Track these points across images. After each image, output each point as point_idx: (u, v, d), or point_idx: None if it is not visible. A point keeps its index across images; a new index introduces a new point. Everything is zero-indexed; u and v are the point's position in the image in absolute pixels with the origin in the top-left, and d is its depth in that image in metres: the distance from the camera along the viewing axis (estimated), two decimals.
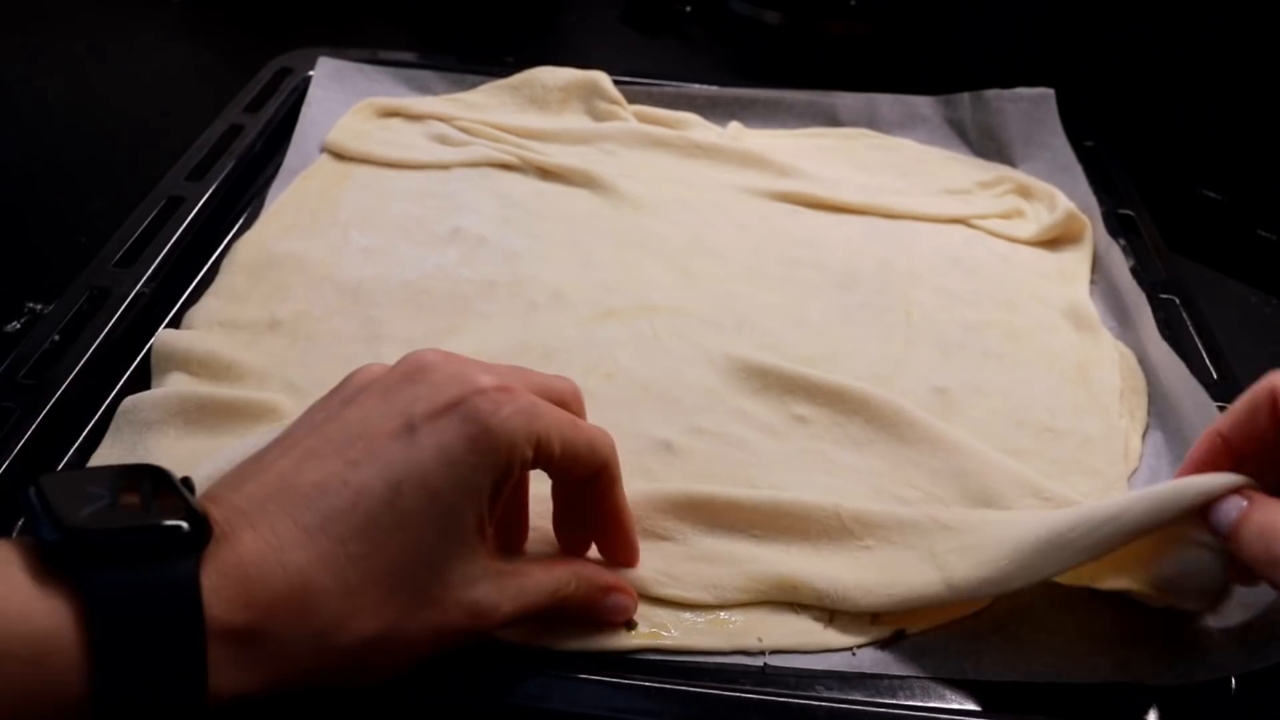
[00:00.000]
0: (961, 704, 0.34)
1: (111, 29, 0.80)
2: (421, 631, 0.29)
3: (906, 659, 0.35)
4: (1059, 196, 0.59)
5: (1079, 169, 0.61)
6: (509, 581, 0.31)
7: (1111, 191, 0.60)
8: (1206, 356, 0.48)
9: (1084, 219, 0.57)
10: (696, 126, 0.65)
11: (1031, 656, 0.35)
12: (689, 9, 0.84)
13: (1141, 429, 0.46)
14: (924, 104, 0.68)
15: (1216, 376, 0.47)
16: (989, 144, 0.66)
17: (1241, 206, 0.66)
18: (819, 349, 0.48)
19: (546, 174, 0.60)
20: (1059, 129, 0.64)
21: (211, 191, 0.54)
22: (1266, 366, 0.33)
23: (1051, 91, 0.65)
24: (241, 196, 0.57)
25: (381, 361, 0.45)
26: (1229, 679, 0.34)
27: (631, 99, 0.66)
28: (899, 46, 0.79)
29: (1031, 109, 0.65)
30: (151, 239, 0.50)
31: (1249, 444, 0.34)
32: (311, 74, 0.65)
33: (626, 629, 0.35)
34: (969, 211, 0.59)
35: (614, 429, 0.43)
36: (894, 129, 0.67)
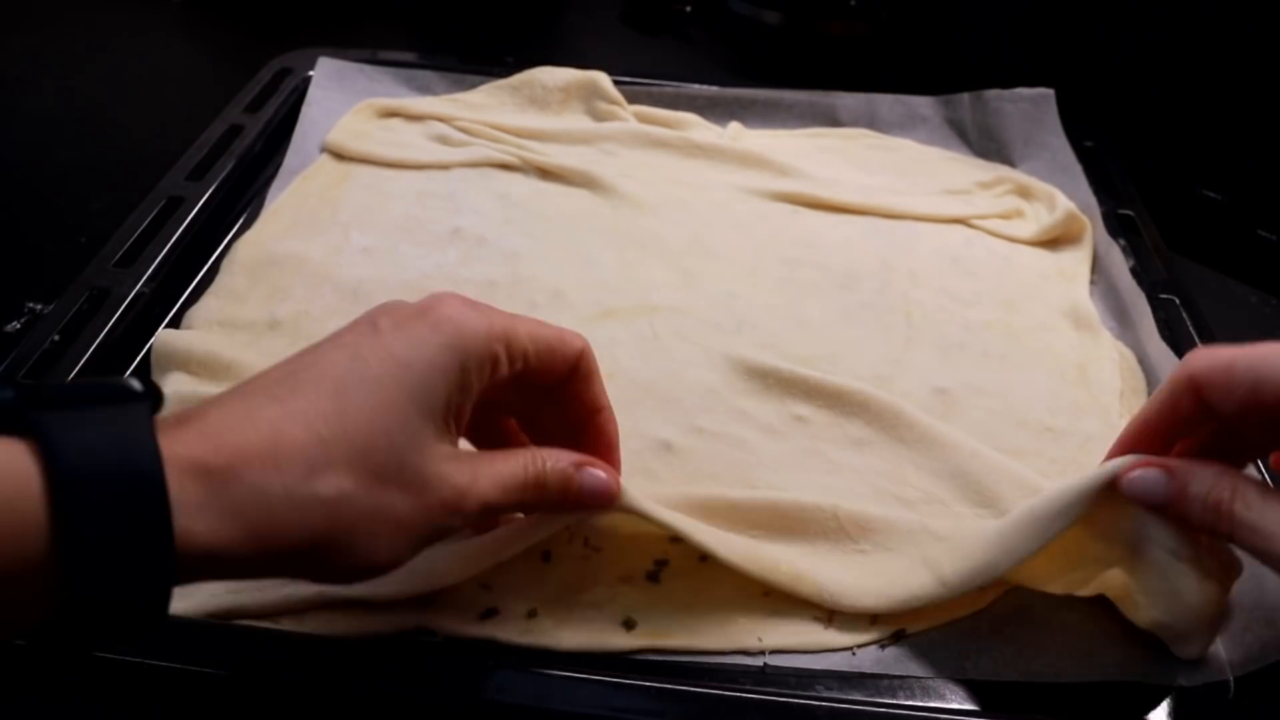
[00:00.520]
0: (961, 704, 0.34)
1: (111, 29, 0.80)
2: (403, 503, 0.29)
3: (906, 659, 0.35)
4: (1059, 197, 0.59)
5: (1079, 169, 0.61)
6: (480, 462, 0.31)
7: (1111, 191, 0.60)
8: None
9: (1084, 219, 0.57)
10: (696, 126, 0.65)
11: (1031, 656, 0.35)
12: (689, 9, 0.84)
13: None
14: (924, 104, 0.68)
15: None
16: (989, 144, 0.66)
17: (1241, 206, 0.66)
18: (819, 349, 0.48)
19: (546, 174, 0.60)
20: (1059, 129, 0.64)
21: (211, 191, 0.54)
22: None
23: (1051, 91, 0.65)
24: (241, 196, 0.57)
25: None
26: (1229, 679, 0.35)
27: (631, 99, 0.66)
28: (899, 46, 0.79)
29: (1031, 109, 0.65)
30: (151, 239, 0.51)
31: (1174, 429, 0.34)
32: (311, 74, 0.65)
33: (626, 628, 0.35)
34: (969, 212, 0.59)
35: None
36: (894, 129, 0.67)
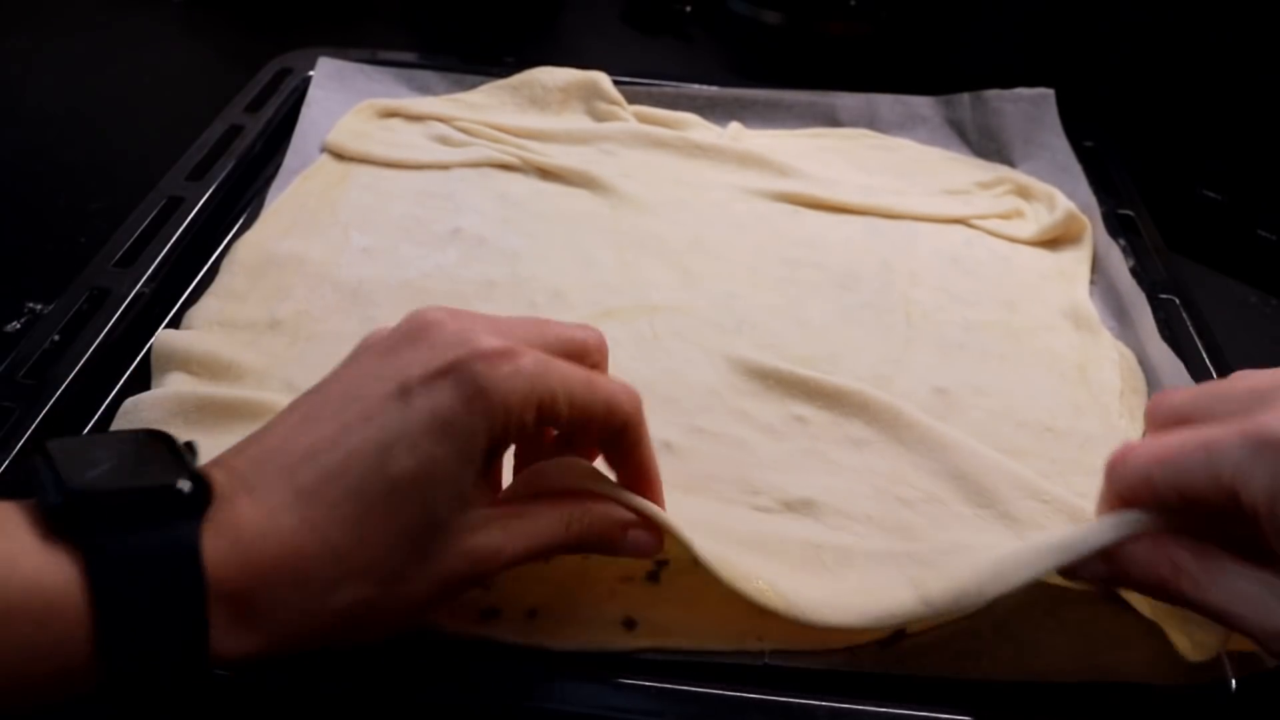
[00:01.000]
0: (962, 704, 0.34)
1: (111, 29, 0.80)
2: (420, 586, 0.29)
3: (906, 659, 0.35)
4: (1058, 196, 0.59)
5: (1079, 169, 0.61)
6: (512, 523, 0.31)
7: (1111, 191, 0.60)
8: (1206, 356, 0.48)
9: (1084, 219, 0.57)
10: (696, 127, 0.65)
11: (1032, 656, 0.35)
12: (689, 9, 0.84)
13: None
14: (924, 104, 0.68)
15: (1216, 376, 0.47)
16: (989, 144, 0.66)
17: (1241, 206, 0.66)
18: (819, 349, 0.48)
19: (546, 174, 0.60)
20: (1059, 129, 0.64)
21: (211, 191, 0.54)
22: (1266, 366, 0.33)
23: (1051, 91, 0.65)
24: (241, 196, 0.57)
25: None
26: (1229, 679, 0.35)
27: (631, 99, 0.66)
28: (899, 46, 0.79)
29: (1031, 109, 0.65)
30: (151, 239, 0.50)
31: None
32: (311, 74, 0.65)
33: (626, 628, 0.35)
34: (969, 212, 0.59)
35: None
36: (894, 129, 0.67)
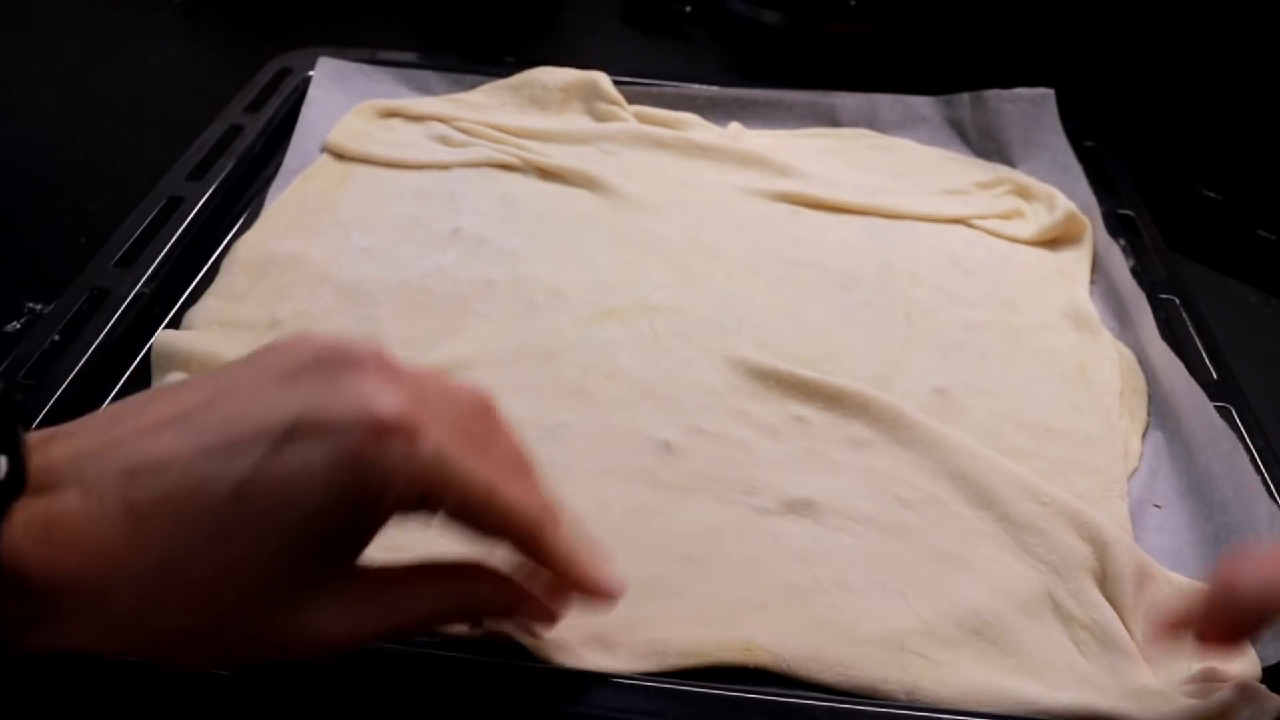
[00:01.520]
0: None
1: (111, 29, 0.80)
2: (238, 642, 0.27)
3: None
4: (1058, 196, 0.59)
5: (1079, 169, 0.61)
6: (360, 607, 0.28)
7: (1111, 191, 0.60)
8: (1206, 356, 0.48)
9: (1084, 219, 0.57)
10: (696, 127, 0.65)
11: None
12: (689, 9, 0.84)
13: (1141, 429, 0.46)
14: (924, 104, 0.68)
15: (1216, 376, 0.47)
16: (989, 144, 0.66)
17: (1241, 206, 0.66)
18: (819, 349, 0.48)
19: (546, 174, 0.60)
20: (1059, 129, 0.64)
21: (211, 191, 0.54)
22: (1266, 366, 0.33)
23: (1051, 92, 0.65)
24: (241, 196, 0.57)
25: None
26: None
27: (631, 99, 0.66)
28: (899, 46, 0.79)
29: (1031, 109, 0.65)
30: (151, 239, 0.50)
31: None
32: (311, 74, 0.65)
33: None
34: (969, 212, 0.59)
35: (614, 429, 0.43)
36: (894, 129, 0.67)
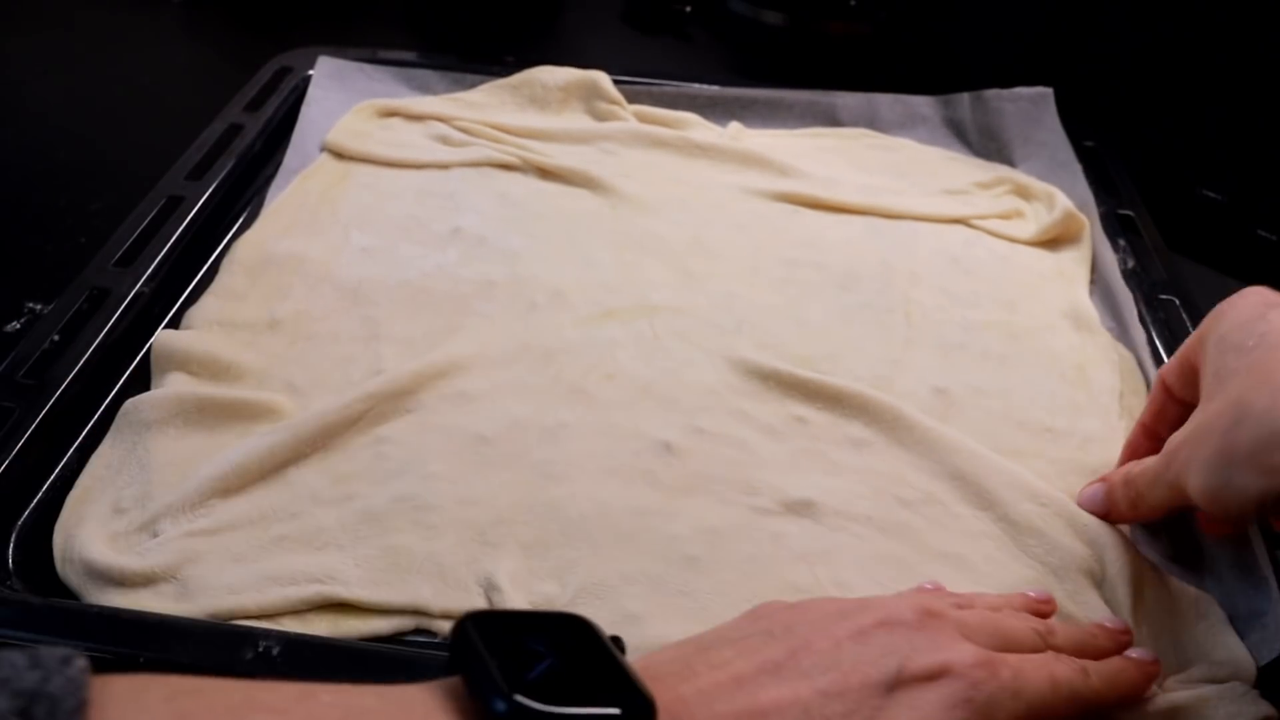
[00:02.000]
0: None
1: (111, 29, 0.80)
2: None
3: None
4: (1058, 197, 0.59)
5: (1078, 169, 0.61)
6: None
7: (1111, 191, 0.60)
8: None
9: (1083, 219, 0.57)
10: (696, 126, 0.65)
11: None
12: (689, 9, 0.84)
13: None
14: (924, 104, 0.68)
15: None
16: (989, 144, 0.66)
17: (1241, 206, 0.65)
18: (819, 349, 0.48)
19: (546, 174, 0.60)
20: (1058, 129, 0.64)
21: (211, 191, 0.54)
22: None
23: (1050, 91, 0.65)
24: (241, 196, 0.57)
25: (380, 361, 0.45)
26: None
27: (631, 99, 0.66)
28: (899, 46, 0.79)
29: (1031, 109, 0.65)
30: (151, 239, 0.50)
31: (1164, 427, 0.39)
32: (311, 73, 0.65)
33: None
34: (969, 212, 0.59)
35: (614, 429, 0.43)
36: (894, 129, 0.67)
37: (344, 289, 0.50)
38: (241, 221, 0.55)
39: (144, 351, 0.45)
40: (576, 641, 0.26)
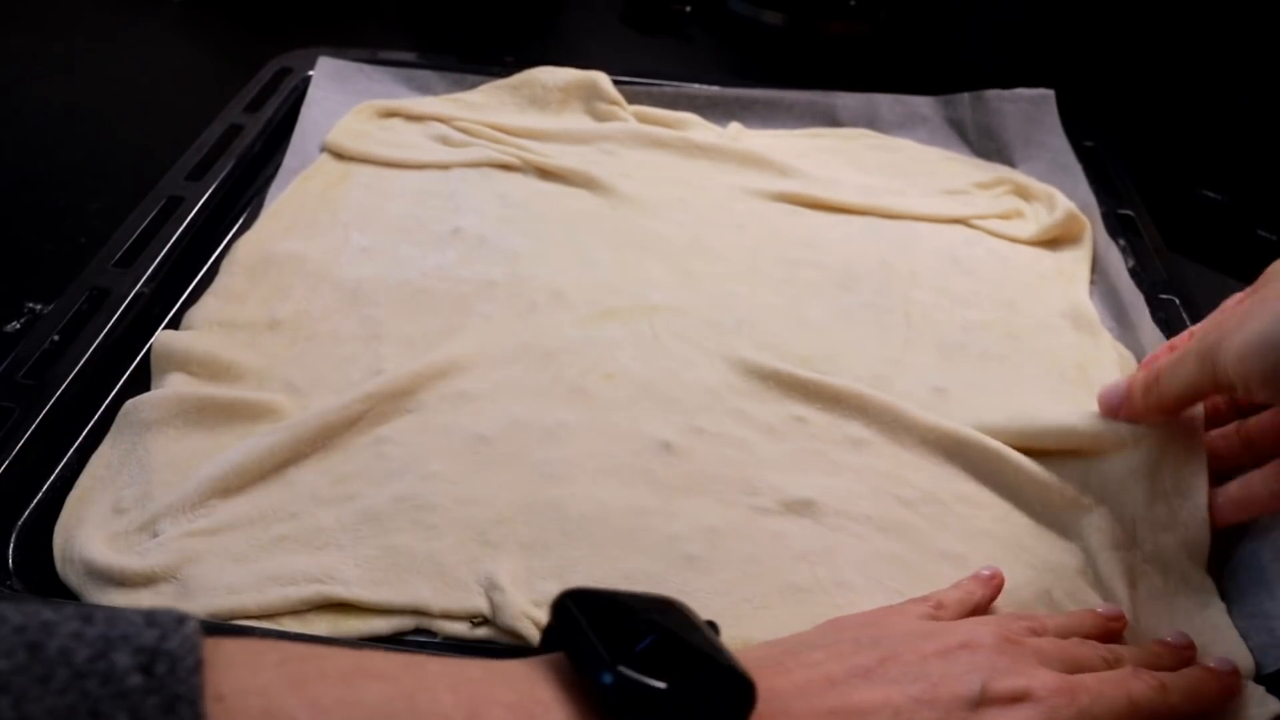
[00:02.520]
0: None
1: (111, 29, 0.80)
2: None
3: None
4: (1058, 197, 0.59)
5: (1079, 169, 0.61)
6: None
7: (1111, 191, 0.60)
8: None
9: (1083, 219, 0.57)
10: (696, 127, 0.65)
11: None
12: (689, 9, 0.84)
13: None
14: (924, 104, 0.68)
15: None
16: (989, 144, 0.66)
17: (1241, 206, 0.66)
18: (819, 349, 0.48)
19: (546, 174, 0.60)
20: (1059, 129, 0.64)
21: (211, 191, 0.54)
22: None
23: (1051, 92, 0.65)
24: (241, 196, 0.57)
25: (380, 362, 0.45)
26: None
27: (631, 99, 0.66)
28: (899, 46, 0.79)
29: (1031, 109, 0.65)
30: (151, 239, 0.50)
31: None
32: (311, 74, 0.65)
33: None
34: (968, 212, 0.59)
35: (614, 429, 0.43)
36: (894, 129, 0.67)
37: (344, 289, 0.50)
38: (241, 222, 0.55)
39: (144, 352, 0.45)
40: (674, 622, 0.26)
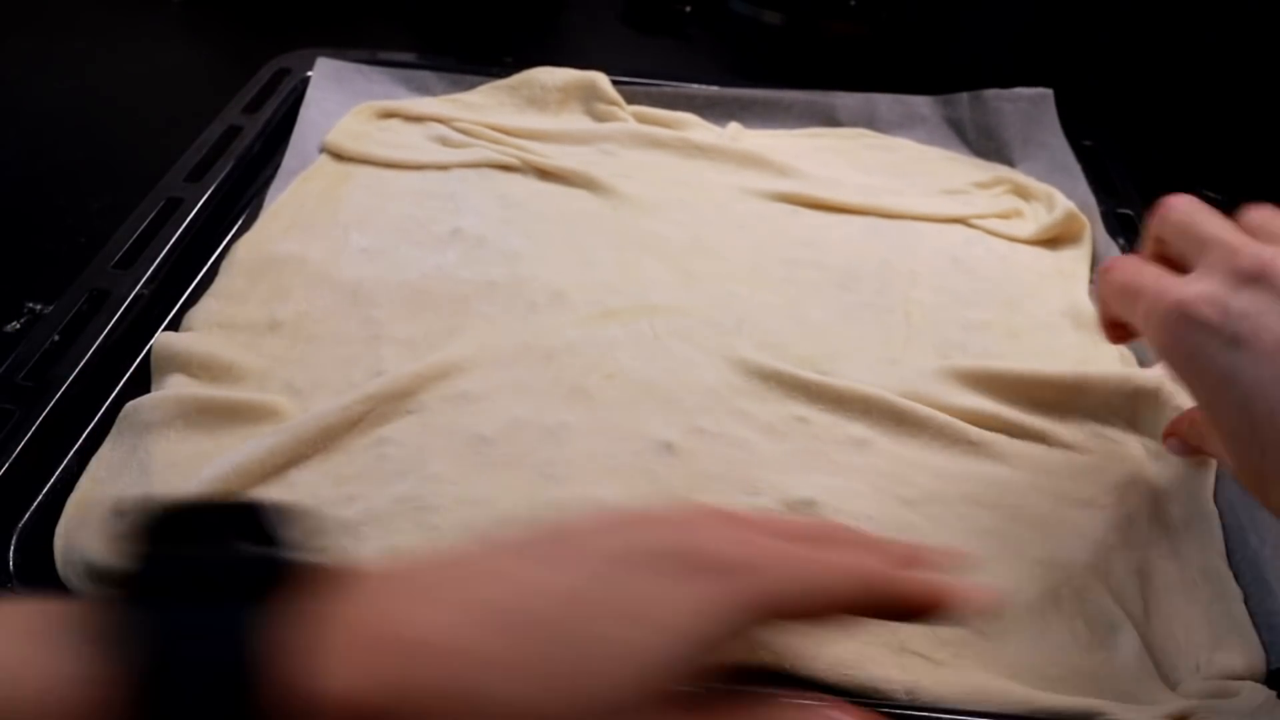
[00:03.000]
0: (960, 704, 0.34)
1: (111, 29, 0.80)
2: None
3: None
4: (1058, 196, 0.59)
5: (1078, 169, 0.61)
6: None
7: (1111, 191, 0.60)
8: None
9: (1083, 219, 0.57)
10: (695, 127, 0.65)
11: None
12: (689, 9, 0.84)
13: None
14: (923, 104, 0.68)
15: None
16: (988, 144, 0.66)
17: (1241, 206, 0.65)
18: (819, 349, 0.48)
19: (546, 174, 0.60)
20: (1058, 129, 0.64)
21: (211, 192, 0.54)
22: None
23: (1050, 91, 0.65)
24: (241, 197, 0.57)
25: (381, 363, 0.45)
26: None
27: (631, 99, 0.66)
28: (899, 46, 0.79)
29: (1030, 109, 0.65)
30: (151, 240, 0.50)
31: None
32: (310, 74, 0.65)
33: None
34: (968, 211, 0.59)
35: (614, 429, 0.43)
36: (893, 129, 0.67)
37: (344, 290, 0.50)
38: (241, 223, 0.55)
39: (144, 353, 0.45)
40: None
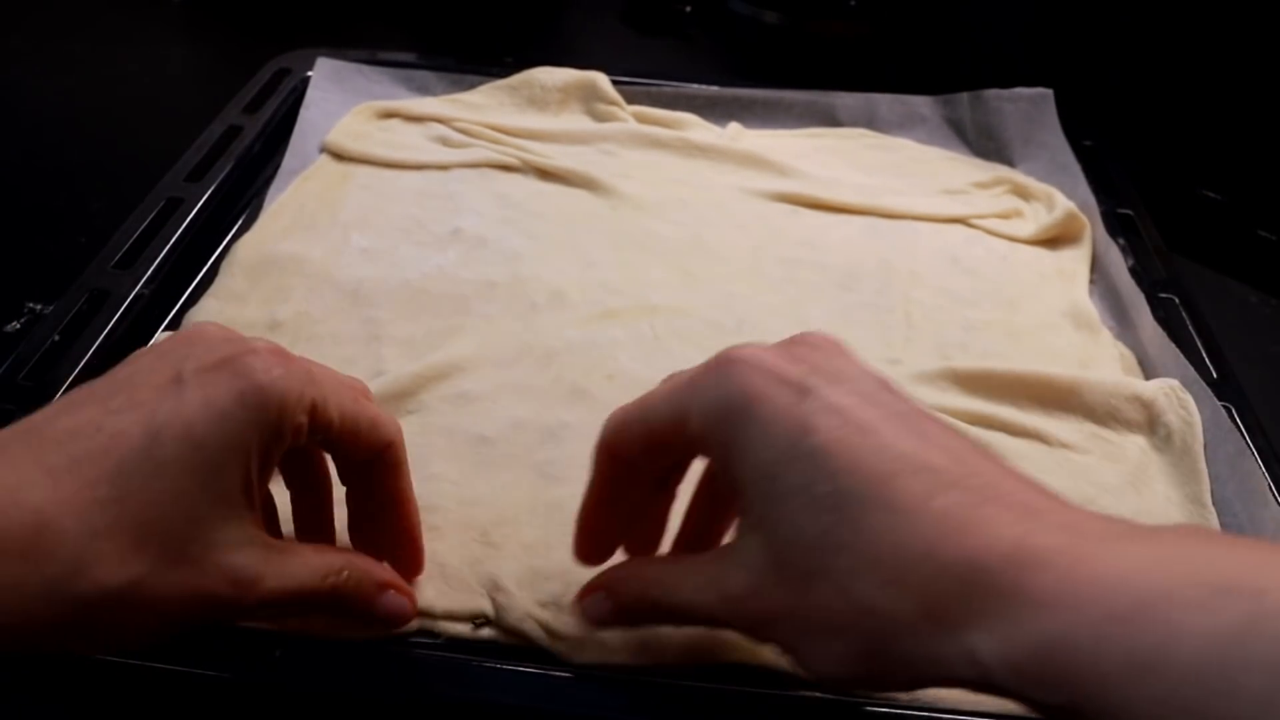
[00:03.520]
0: (962, 699, 0.34)
1: (111, 29, 0.80)
2: (172, 591, 0.27)
3: None
4: (1058, 196, 0.59)
5: (1078, 169, 0.61)
6: (275, 556, 0.29)
7: (1111, 191, 0.60)
8: (1206, 356, 0.48)
9: (1083, 219, 0.58)
10: (695, 127, 0.65)
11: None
12: (689, 9, 0.85)
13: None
14: (923, 104, 0.68)
15: (1216, 376, 0.47)
16: (988, 144, 0.66)
17: (1241, 206, 0.66)
18: None
19: (546, 174, 0.60)
20: (1058, 129, 0.64)
21: (210, 192, 0.54)
22: (1266, 366, 0.34)
23: (1050, 91, 0.65)
24: (240, 197, 0.57)
25: (381, 363, 0.45)
26: None
27: (631, 99, 0.66)
28: (899, 46, 0.79)
29: (1030, 109, 0.65)
30: (151, 240, 0.50)
31: (620, 497, 0.35)
32: (310, 74, 0.65)
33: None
34: (968, 211, 0.59)
35: None
36: (893, 129, 0.67)
37: (344, 290, 0.50)
38: (241, 223, 0.55)
39: None
40: None
